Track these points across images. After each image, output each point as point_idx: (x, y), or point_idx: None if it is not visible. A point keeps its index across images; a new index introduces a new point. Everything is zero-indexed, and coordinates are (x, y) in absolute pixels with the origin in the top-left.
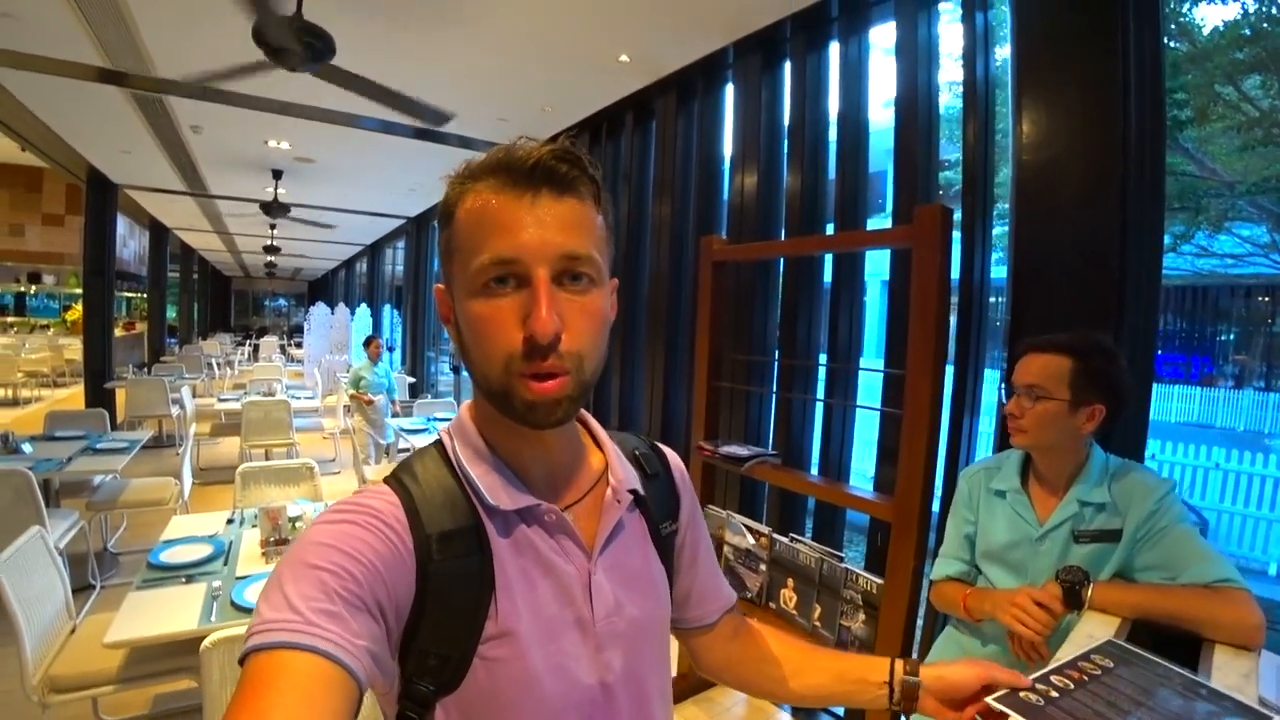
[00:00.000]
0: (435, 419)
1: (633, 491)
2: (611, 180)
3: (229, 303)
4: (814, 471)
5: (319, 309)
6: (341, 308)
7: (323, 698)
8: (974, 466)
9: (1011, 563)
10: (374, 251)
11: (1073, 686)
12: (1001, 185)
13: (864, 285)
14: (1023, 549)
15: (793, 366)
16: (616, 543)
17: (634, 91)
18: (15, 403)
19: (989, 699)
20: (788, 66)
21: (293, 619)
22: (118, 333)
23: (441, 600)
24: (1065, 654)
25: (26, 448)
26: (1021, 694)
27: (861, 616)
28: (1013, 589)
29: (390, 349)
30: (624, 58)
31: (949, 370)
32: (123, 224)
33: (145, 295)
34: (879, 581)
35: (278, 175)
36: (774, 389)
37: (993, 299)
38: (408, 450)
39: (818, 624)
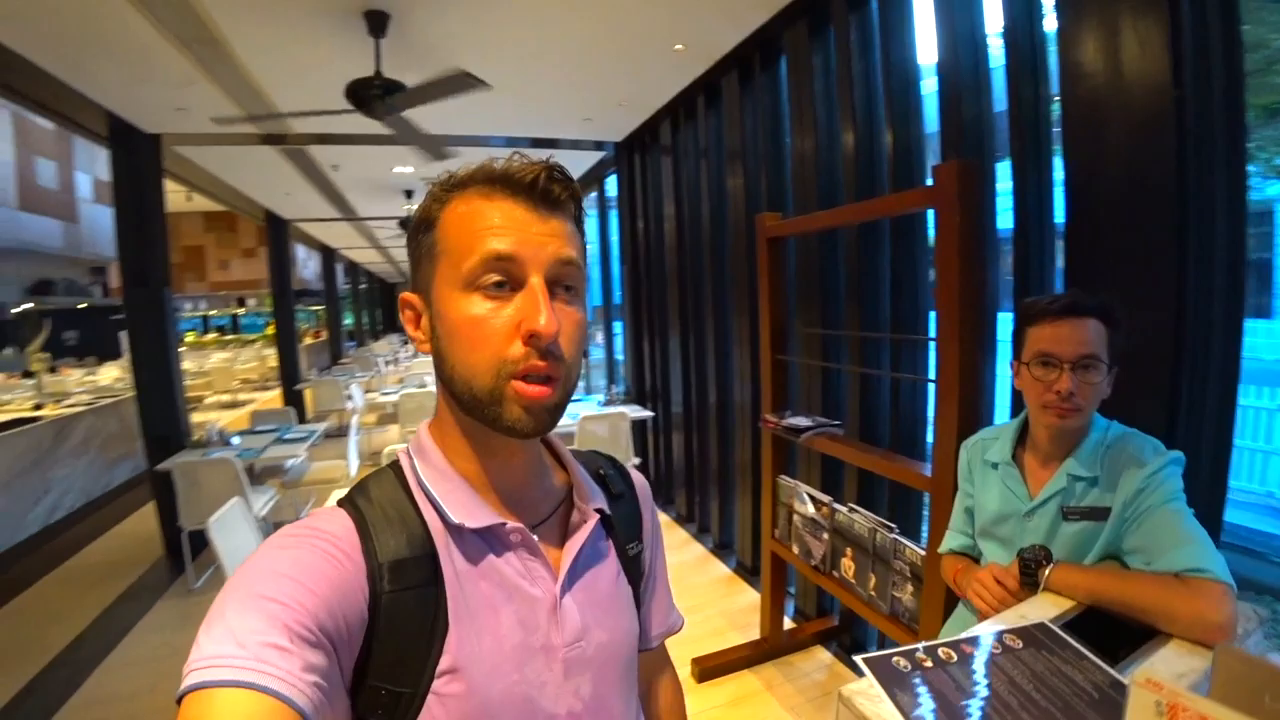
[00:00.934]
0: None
1: (599, 511)
2: (694, 162)
3: (395, 307)
4: (888, 445)
5: None
6: None
7: None
8: (975, 436)
9: (1002, 537)
10: None
11: (954, 659)
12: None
13: (927, 251)
14: (1012, 524)
15: (838, 338)
16: (584, 564)
17: (699, 76)
18: (234, 405)
19: (858, 657)
20: (832, 32)
21: (237, 654)
22: (309, 340)
23: (392, 632)
24: (983, 629)
25: (235, 440)
26: (894, 658)
27: (910, 588)
28: (989, 565)
29: None
30: (679, 46)
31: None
32: (301, 250)
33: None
34: (922, 552)
35: (409, 194)
36: (838, 362)
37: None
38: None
39: (873, 593)
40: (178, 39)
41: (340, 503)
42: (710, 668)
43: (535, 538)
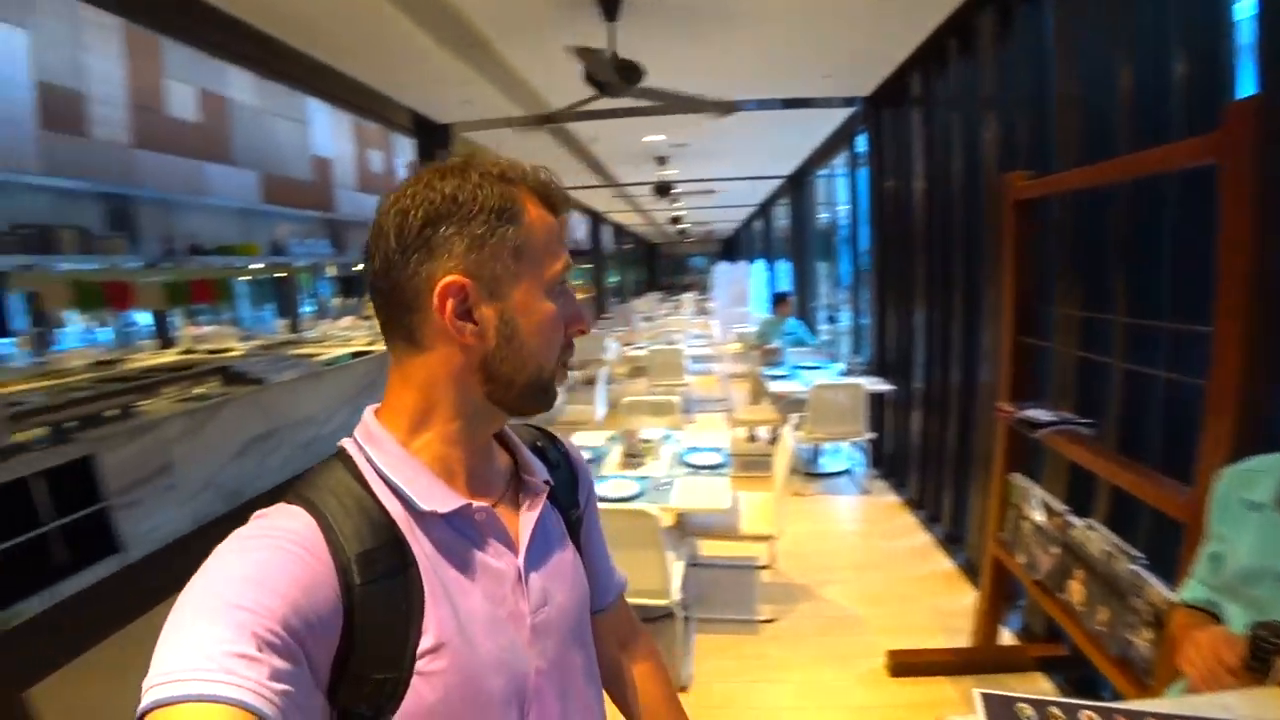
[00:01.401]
0: (799, 366)
1: (546, 483)
2: (944, 115)
3: (656, 265)
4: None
5: (722, 266)
6: (742, 263)
7: None
8: (1238, 465)
9: (1251, 599)
10: (765, 210)
11: None
12: None
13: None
14: (1268, 585)
15: (1105, 323)
16: (538, 536)
17: (950, 16)
18: None
19: (977, 691)
20: None
21: (203, 666)
22: (580, 296)
23: (370, 624)
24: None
25: None
26: (1020, 703)
27: (1149, 634)
28: (1213, 628)
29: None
30: None
31: None
32: (575, 214)
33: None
34: (1168, 596)
35: (662, 160)
36: (1102, 351)
37: None
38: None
39: (1102, 628)
40: (453, 47)
41: (290, 500)
42: (906, 664)
43: (499, 515)
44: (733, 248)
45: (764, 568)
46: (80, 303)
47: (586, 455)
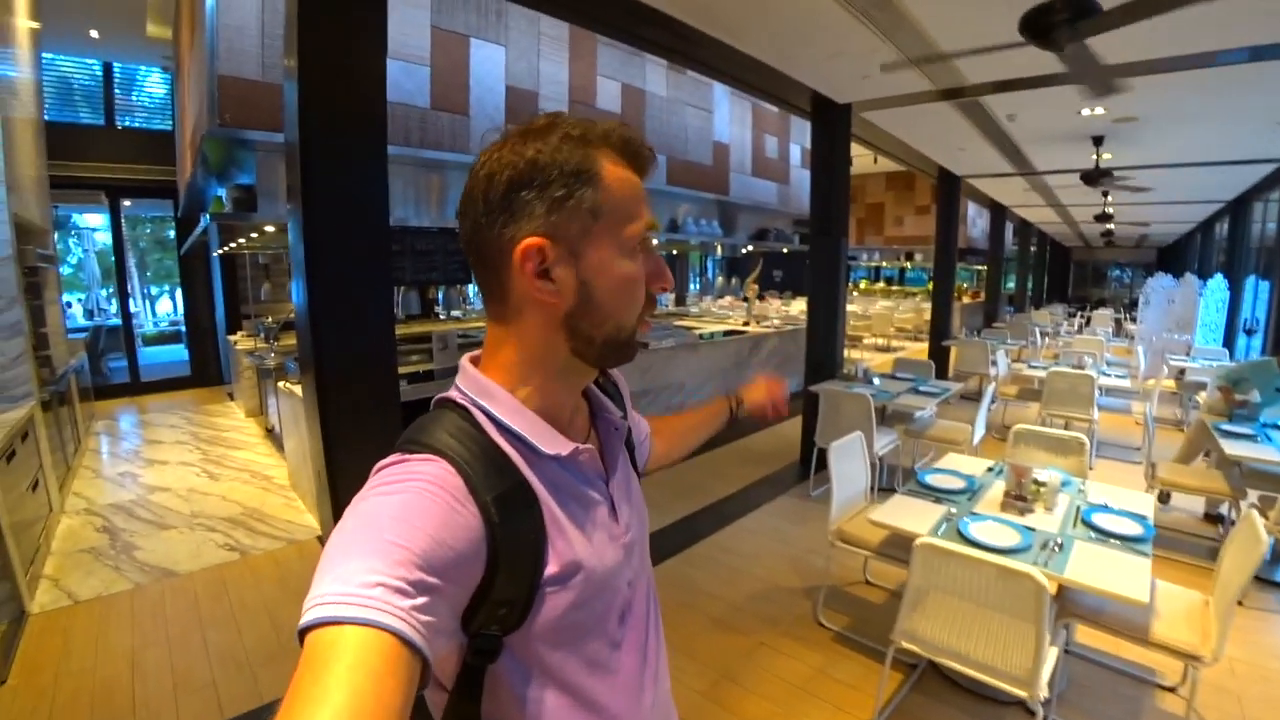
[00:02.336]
0: (1273, 425)
1: (622, 418)
2: None
3: (1068, 273)
4: None
5: (1157, 280)
6: (1188, 278)
7: (388, 676)
8: None
9: None
10: (1236, 208)
11: None
12: None
13: None
14: None
15: None
16: (619, 468)
17: None
18: (886, 349)
19: None
20: None
21: (359, 593)
22: (966, 299)
23: (509, 558)
24: None
25: (875, 381)
26: None
27: None
28: None
29: (1249, 332)
30: None
31: None
32: (972, 207)
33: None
34: None
35: (1098, 141)
36: None
37: None
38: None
39: None
40: (859, 10)
41: (418, 449)
42: None
43: (595, 454)
44: (1171, 258)
45: (1169, 689)
46: None
47: (959, 483)
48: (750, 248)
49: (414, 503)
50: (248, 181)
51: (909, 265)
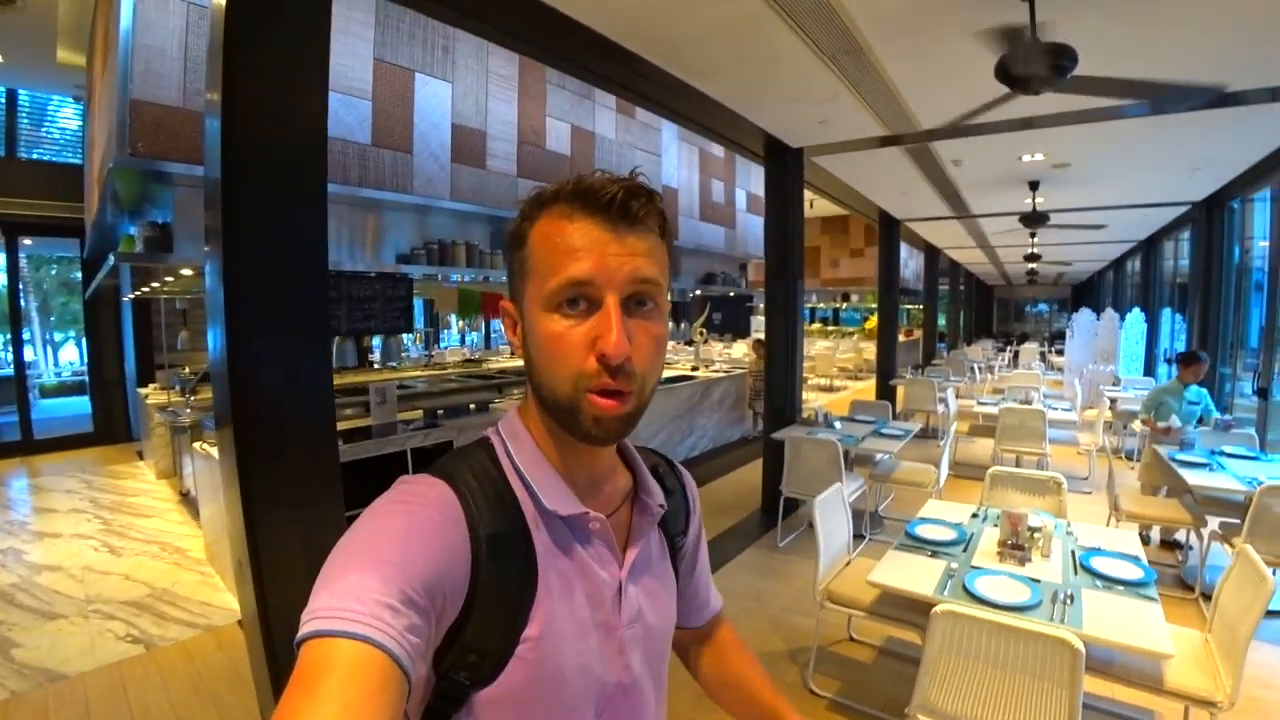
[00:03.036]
0: (1219, 453)
1: (660, 507)
2: None
3: (991, 310)
4: None
5: (1082, 315)
6: (1109, 313)
7: (379, 692)
8: None
9: None
10: (1149, 247)
11: None
12: None
13: None
14: None
15: None
16: (643, 554)
17: None
18: (830, 389)
19: None
20: None
21: (355, 609)
22: (902, 337)
23: (489, 600)
24: None
25: (836, 424)
26: None
27: None
28: None
29: (1171, 361)
30: None
31: None
32: (904, 249)
33: (921, 306)
34: None
35: (1034, 186)
36: None
37: None
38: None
39: None
40: (827, 54)
41: (434, 473)
42: None
43: (610, 528)
44: (1085, 293)
45: None
46: (461, 309)
47: (949, 534)
48: (698, 291)
49: (413, 524)
50: (163, 219)
51: (845, 306)
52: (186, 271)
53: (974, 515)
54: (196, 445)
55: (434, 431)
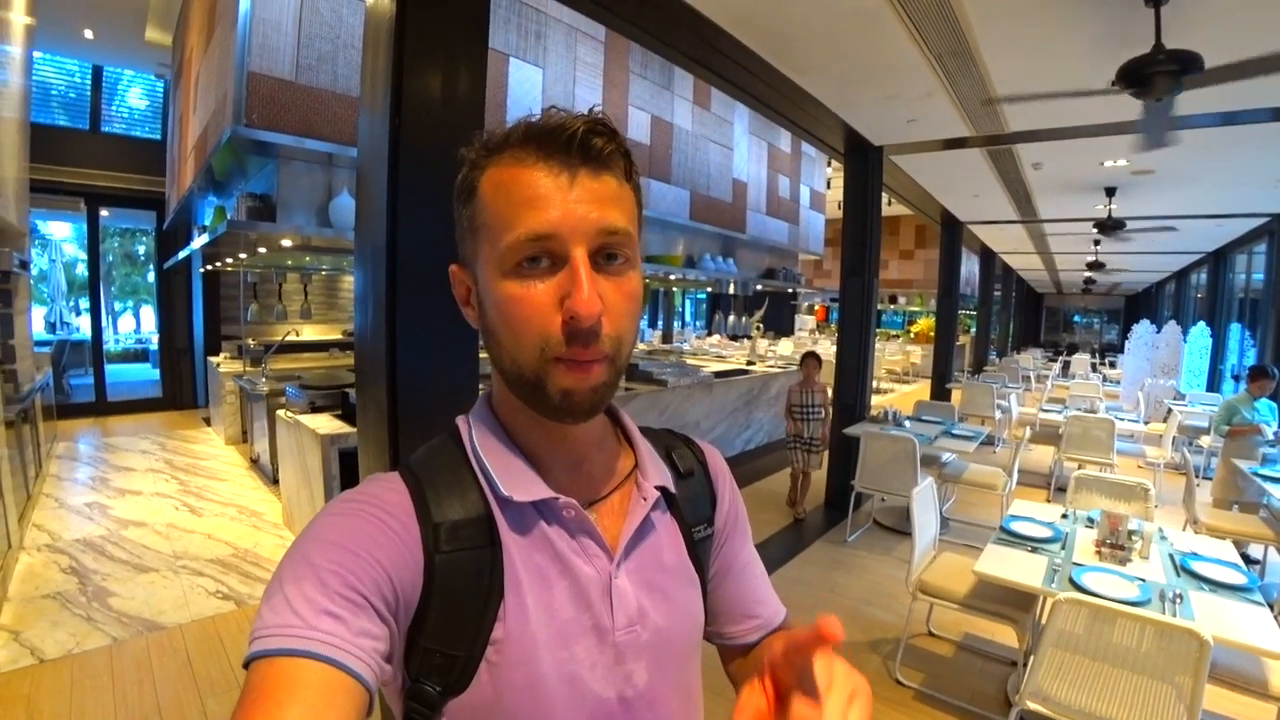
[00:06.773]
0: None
1: (662, 489)
2: None
3: (1040, 318)
4: None
5: (1141, 327)
6: (1171, 326)
7: (325, 708)
8: None
9: None
10: (1217, 259)
11: None
12: None
13: None
14: None
15: None
16: (643, 545)
17: None
18: (877, 391)
19: None
20: None
21: (293, 623)
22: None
23: (447, 594)
24: None
25: (906, 424)
26: None
27: None
28: None
29: (1236, 378)
30: None
31: None
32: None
33: (974, 311)
34: None
35: (1110, 192)
36: None
37: None
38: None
39: None
40: (933, 54)
41: (397, 468)
42: None
43: (589, 514)
44: (1140, 305)
45: None
46: None
47: (1045, 531)
48: (761, 286)
49: (354, 526)
50: (260, 191)
51: (892, 308)
52: (286, 242)
53: (1064, 516)
54: (281, 414)
55: None
